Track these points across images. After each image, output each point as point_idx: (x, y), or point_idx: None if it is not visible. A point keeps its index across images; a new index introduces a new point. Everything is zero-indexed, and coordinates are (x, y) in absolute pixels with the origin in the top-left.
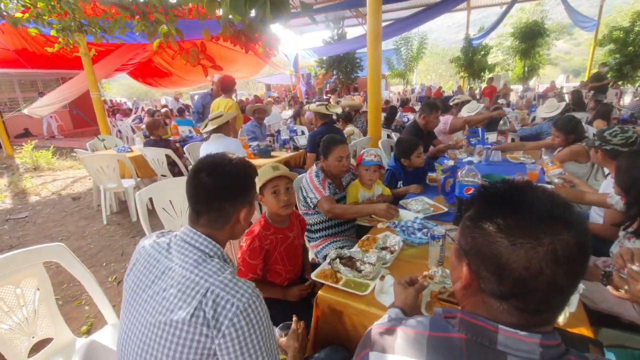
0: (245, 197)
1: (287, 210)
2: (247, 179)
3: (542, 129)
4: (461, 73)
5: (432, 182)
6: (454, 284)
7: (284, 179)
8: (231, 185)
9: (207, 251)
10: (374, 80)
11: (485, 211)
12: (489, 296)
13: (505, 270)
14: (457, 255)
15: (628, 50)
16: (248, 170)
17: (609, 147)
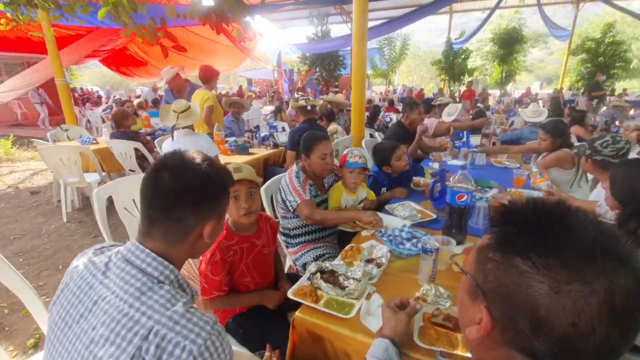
0: (213, 209)
1: (248, 219)
2: (219, 186)
3: (523, 134)
4: (442, 76)
5: (416, 186)
6: (463, 327)
7: (245, 183)
8: (198, 190)
9: (156, 275)
10: (358, 78)
11: (512, 241)
12: (517, 352)
13: (544, 325)
14: (471, 292)
15: (599, 60)
16: (222, 175)
17: (600, 158)
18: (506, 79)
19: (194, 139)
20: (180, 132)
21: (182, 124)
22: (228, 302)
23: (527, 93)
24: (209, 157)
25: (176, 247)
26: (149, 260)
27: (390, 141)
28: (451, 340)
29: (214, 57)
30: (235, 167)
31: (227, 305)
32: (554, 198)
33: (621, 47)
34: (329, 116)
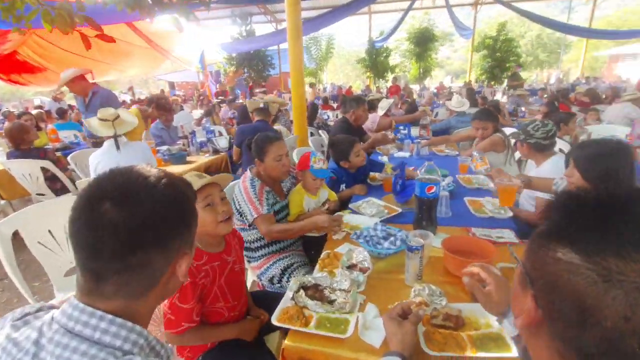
0: (184, 238)
1: (227, 226)
2: (187, 208)
3: (450, 124)
4: (367, 73)
5: (373, 181)
6: (515, 316)
7: (216, 187)
8: (162, 221)
9: (119, 344)
10: (296, 75)
11: (562, 228)
12: (565, 346)
13: (591, 316)
14: (522, 282)
15: (496, 55)
16: (185, 192)
17: (533, 141)
18: (423, 75)
19: (138, 149)
20: (122, 140)
21: (122, 131)
22: (200, 336)
23: (441, 87)
24: (162, 170)
25: (140, 300)
26: (104, 325)
27: (349, 136)
28: (458, 342)
29: (128, 60)
30: (197, 173)
31: (199, 339)
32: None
33: (513, 43)
34: (275, 116)
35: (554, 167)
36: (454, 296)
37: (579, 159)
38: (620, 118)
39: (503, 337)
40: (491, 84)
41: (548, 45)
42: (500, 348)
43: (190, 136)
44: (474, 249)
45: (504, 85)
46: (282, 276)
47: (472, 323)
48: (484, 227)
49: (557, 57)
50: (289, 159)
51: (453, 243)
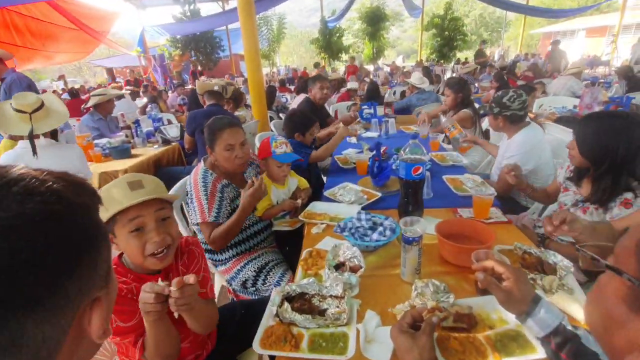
0: (87, 277)
1: (161, 262)
2: (82, 232)
3: (411, 102)
4: (321, 54)
5: (344, 164)
6: (613, 354)
7: (153, 205)
8: (33, 265)
9: None
10: (252, 55)
11: None
12: None
13: None
14: (635, 303)
15: (445, 34)
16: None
17: (509, 113)
18: (377, 55)
19: (63, 153)
20: (40, 142)
21: (43, 129)
22: None
23: (394, 66)
24: (56, 176)
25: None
26: None
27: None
28: (477, 347)
29: (56, 44)
30: (132, 180)
31: None
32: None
33: (459, 22)
34: (236, 100)
35: (525, 138)
36: (456, 288)
37: (579, 132)
38: (565, 90)
39: (523, 335)
40: (441, 63)
41: (490, 24)
42: (523, 349)
43: (134, 126)
44: (469, 232)
45: (452, 64)
46: (257, 278)
47: (484, 320)
48: (468, 206)
49: (498, 36)
50: (246, 148)
51: (447, 228)
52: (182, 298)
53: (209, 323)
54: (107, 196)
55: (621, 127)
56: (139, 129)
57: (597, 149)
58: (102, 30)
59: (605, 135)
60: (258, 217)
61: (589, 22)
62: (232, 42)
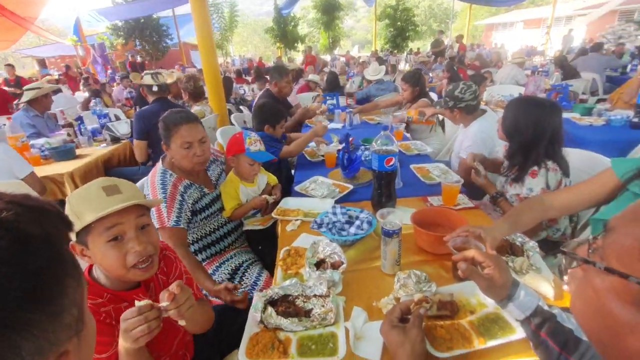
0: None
1: (142, 274)
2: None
3: (370, 92)
4: (277, 44)
5: (312, 157)
6: (611, 352)
7: (133, 212)
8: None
9: None
10: (206, 43)
11: None
12: None
13: None
14: None
15: (397, 24)
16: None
17: (464, 105)
18: (333, 44)
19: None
20: None
21: None
22: None
23: (349, 56)
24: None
25: None
26: None
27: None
28: (462, 333)
29: None
30: (107, 185)
31: None
32: None
33: (410, 13)
34: (194, 94)
35: (480, 127)
36: (435, 277)
37: (504, 113)
38: (510, 79)
39: (502, 317)
40: (395, 53)
41: (438, 15)
42: (504, 331)
43: (77, 123)
44: (443, 220)
45: (405, 54)
46: (231, 280)
47: (465, 306)
48: (437, 193)
49: (446, 27)
50: (206, 146)
51: (421, 217)
52: (180, 306)
53: (207, 322)
54: (78, 203)
55: (534, 112)
56: (83, 127)
57: (511, 128)
58: (28, 16)
59: (519, 118)
60: (227, 218)
61: (525, 14)
62: (180, 30)
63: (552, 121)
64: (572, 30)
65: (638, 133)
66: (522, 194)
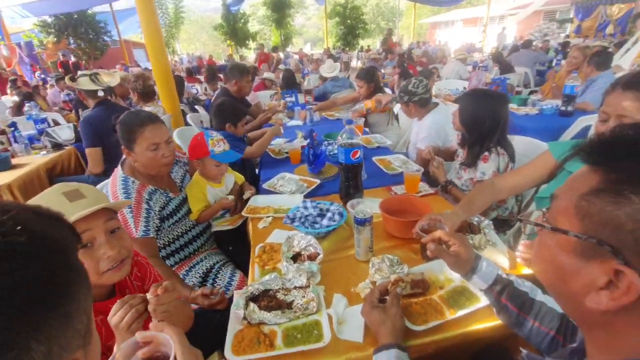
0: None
1: (115, 276)
2: (68, 275)
3: (327, 89)
4: (228, 42)
5: (277, 155)
6: (570, 298)
7: (101, 217)
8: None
9: None
10: (153, 39)
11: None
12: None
13: None
14: (583, 252)
15: (347, 22)
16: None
17: (417, 98)
18: (285, 42)
19: None
20: None
21: None
22: None
23: (303, 54)
24: (24, 207)
25: None
26: None
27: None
28: (435, 307)
29: None
30: (69, 189)
31: None
32: None
33: (359, 11)
34: (144, 94)
35: (434, 119)
36: (405, 259)
37: (461, 105)
38: (454, 73)
39: (467, 288)
40: (346, 50)
41: (386, 14)
42: (471, 301)
43: (11, 130)
44: (408, 207)
45: (356, 51)
46: (204, 283)
47: (435, 283)
48: (400, 183)
49: (394, 25)
50: (172, 146)
51: (389, 205)
52: (162, 305)
53: (187, 322)
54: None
55: (490, 103)
56: (18, 133)
57: (471, 119)
58: None
59: (478, 109)
60: (195, 221)
61: (464, 13)
62: (120, 26)
63: (504, 111)
64: (505, 28)
65: (566, 120)
66: (476, 177)
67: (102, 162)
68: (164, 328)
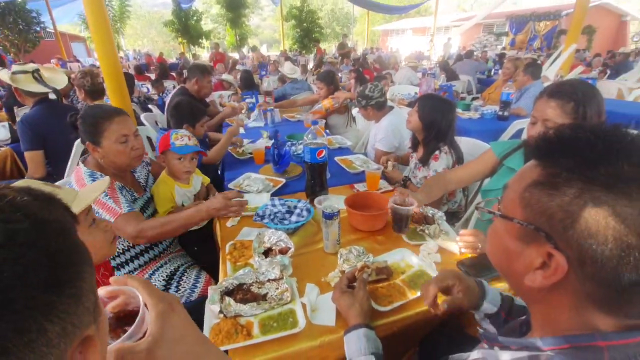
0: (78, 312)
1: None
2: (72, 254)
3: (286, 91)
4: (179, 39)
5: (240, 156)
6: (515, 276)
7: (81, 214)
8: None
9: None
10: (101, 31)
11: (581, 172)
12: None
13: (635, 248)
14: (523, 237)
15: (304, 26)
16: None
17: (374, 102)
18: (240, 42)
19: None
20: None
21: None
22: None
23: (260, 55)
24: (18, 190)
25: None
26: None
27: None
28: (398, 289)
29: None
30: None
31: None
32: None
33: (315, 15)
34: (92, 92)
35: (390, 121)
36: (370, 249)
37: (419, 105)
38: (405, 79)
39: (425, 272)
40: (303, 53)
41: (340, 19)
42: None
43: None
44: (371, 202)
45: (312, 55)
46: (167, 287)
47: (397, 269)
48: (362, 181)
49: (348, 30)
50: (140, 139)
51: (353, 201)
52: None
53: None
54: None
55: (444, 107)
56: None
57: (428, 120)
58: None
59: (435, 112)
60: None
61: (414, 22)
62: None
63: (454, 114)
64: (450, 38)
65: (503, 123)
66: (429, 175)
67: (43, 165)
68: (126, 280)
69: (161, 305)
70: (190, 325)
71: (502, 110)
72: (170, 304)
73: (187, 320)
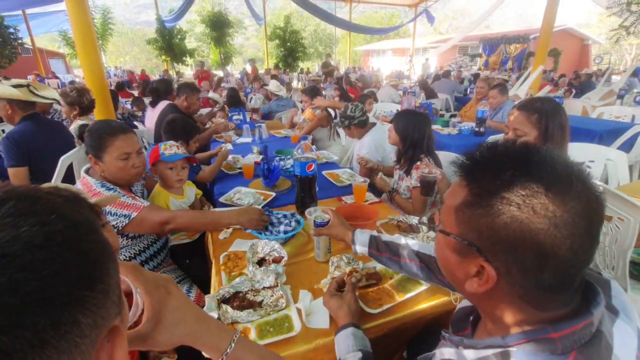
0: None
1: None
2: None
3: (271, 108)
4: (163, 57)
5: (230, 170)
6: (457, 282)
7: None
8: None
9: None
10: (86, 45)
11: (500, 190)
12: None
13: (549, 258)
14: (460, 251)
15: (287, 45)
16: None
17: (356, 121)
18: (225, 61)
19: None
20: None
21: None
22: None
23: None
24: (47, 191)
25: None
26: None
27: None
28: (387, 293)
29: None
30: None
31: None
32: None
33: (299, 35)
34: (86, 109)
35: (373, 137)
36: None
37: (396, 121)
38: (387, 97)
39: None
40: (287, 72)
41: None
42: (415, 286)
43: None
44: (359, 213)
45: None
46: None
47: (385, 274)
48: (349, 193)
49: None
50: (142, 156)
51: (342, 212)
52: None
53: None
54: None
55: (417, 119)
56: None
57: (404, 132)
58: None
59: (408, 124)
60: (156, 235)
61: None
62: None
63: (427, 126)
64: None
65: (479, 139)
66: (412, 184)
67: (27, 182)
68: None
69: (157, 292)
70: (188, 304)
71: (479, 127)
72: (165, 287)
73: (184, 300)
